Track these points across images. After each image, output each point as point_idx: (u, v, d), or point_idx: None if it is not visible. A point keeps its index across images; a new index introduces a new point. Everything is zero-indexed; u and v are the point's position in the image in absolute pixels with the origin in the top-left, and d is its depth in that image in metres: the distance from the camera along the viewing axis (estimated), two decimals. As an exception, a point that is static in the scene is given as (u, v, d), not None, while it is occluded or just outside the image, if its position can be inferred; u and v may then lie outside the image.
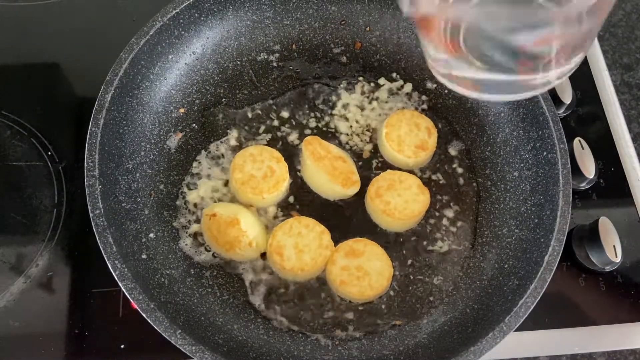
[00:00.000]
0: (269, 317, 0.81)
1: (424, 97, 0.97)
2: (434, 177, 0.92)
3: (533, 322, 0.84)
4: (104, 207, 0.74)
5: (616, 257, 0.86)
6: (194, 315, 0.78)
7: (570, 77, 0.98)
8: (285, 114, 0.95)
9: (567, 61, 0.59)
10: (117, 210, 0.79)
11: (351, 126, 0.94)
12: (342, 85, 0.97)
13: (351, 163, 0.90)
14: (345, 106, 0.96)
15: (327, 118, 0.95)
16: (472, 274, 0.85)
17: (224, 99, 0.95)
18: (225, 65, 0.96)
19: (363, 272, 0.81)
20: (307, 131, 0.93)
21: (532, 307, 0.73)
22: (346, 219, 0.88)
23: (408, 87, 0.98)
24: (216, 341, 0.75)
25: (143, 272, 0.76)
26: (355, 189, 0.87)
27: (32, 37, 1.02)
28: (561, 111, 0.99)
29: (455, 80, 0.62)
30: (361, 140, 0.93)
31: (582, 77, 1.04)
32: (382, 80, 0.98)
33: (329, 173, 0.86)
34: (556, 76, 0.60)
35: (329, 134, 0.93)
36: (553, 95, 0.95)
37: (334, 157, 0.88)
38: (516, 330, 0.73)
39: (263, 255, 0.84)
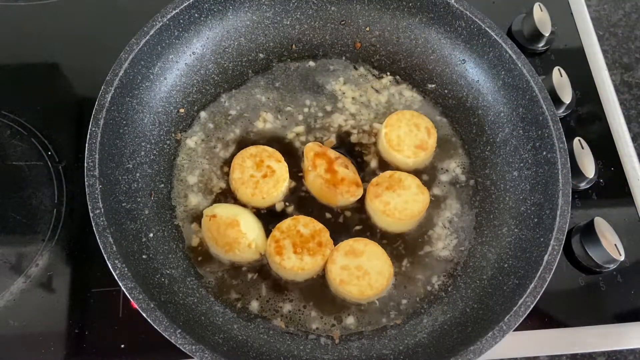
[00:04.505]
0: (269, 317, 0.81)
1: (423, 97, 0.98)
2: (433, 177, 0.92)
3: (533, 322, 0.84)
4: (104, 207, 0.74)
5: (620, 255, 0.86)
6: (194, 314, 0.78)
7: (570, 77, 0.99)
8: (285, 113, 0.95)
9: None
10: (117, 210, 0.79)
11: (351, 124, 0.94)
12: (342, 83, 0.97)
13: (353, 169, 0.89)
14: (346, 104, 0.96)
15: (328, 116, 0.95)
16: (472, 273, 0.85)
17: (223, 98, 0.95)
18: (225, 65, 0.96)
19: (363, 271, 0.81)
20: (308, 127, 0.94)
21: (532, 306, 0.73)
22: (346, 219, 0.88)
23: (408, 87, 0.98)
24: (216, 341, 0.75)
25: (143, 272, 0.76)
26: (357, 195, 0.87)
27: (32, 37, 1.02)
28: (561, 111, 0.99)
29: None
30: (361, 139, 0.94)
31: (582, 77, 1.05)
32: (382, 81, 0.98)
33: (331, 180, 0.86)
34: None
35: (329, 130, 0.94)
36: (553, 95, 0.95)
37: (336, 164, 0.88)
38: (516, 330, 0.73)
39: (263, 255, 0.84)
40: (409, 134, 0.91)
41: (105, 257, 0.72)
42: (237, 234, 0.81)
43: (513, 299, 0.75)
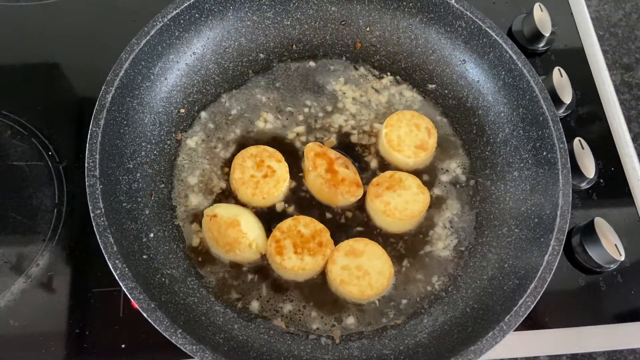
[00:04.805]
0: (269, 317, 0.81)
1: (424, 97, 0.98)
2: (434, 177, 0.92)
3: (533, 322, 0.84)
4: (104, 207, 0.75)
5: (620, 255, 0.86)
6: (195, 314, 0.78)
7: (570, 77, 0.99)
8: (285, 113, 0.95)
9: None
10: (117, 210, 0.79)
11: (352, 124, 0.94)
12: (342, 83, 0.97)
13: (354, 169, 0.90)
14: (346, 104, 0.96)
15: (328, 116, 0.95)
16: (472, 273, 0.85)
17: (224, 98, 0.95)
18: (225, 65, 0.96)
19: (363, 271, 0.82)
20: (308, 128, 0.94)
21: (532, 306, 0.73)
22: (346, 219, 0.88)
23: (408, 87, 0.98)
24: (217, 341, 0.75)
25: (143, 272, 0.76)
26: (358, 196, 0.87)
27: (32, 37, 1.02)
28: (561, 111, 0.99)
29: None
30: (361, 140, 0.94)
31: (582, 77, 1.05)
32: (382, 81, 0.98)
33: (332, 180, 0.86)
34: None
35: (330, 130, 0.94)
36: (553, 95, 0.95)
37: (337, 164, 0.88)
38: (516, 330, 0.73)
39: (264, 256, 0.84)
40: (409, 134, 0.91)
41: (106, 257, 0.72)
42: (238, 234, 0.81)
43: (513, 299, 0.75)
